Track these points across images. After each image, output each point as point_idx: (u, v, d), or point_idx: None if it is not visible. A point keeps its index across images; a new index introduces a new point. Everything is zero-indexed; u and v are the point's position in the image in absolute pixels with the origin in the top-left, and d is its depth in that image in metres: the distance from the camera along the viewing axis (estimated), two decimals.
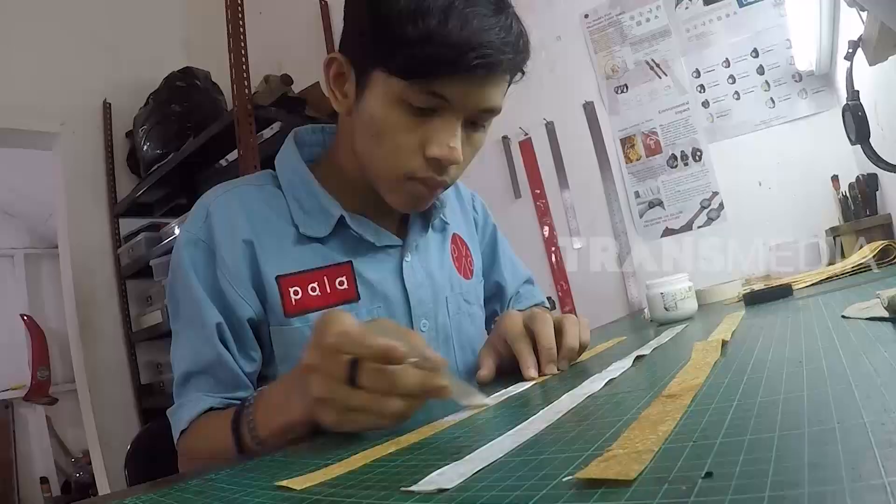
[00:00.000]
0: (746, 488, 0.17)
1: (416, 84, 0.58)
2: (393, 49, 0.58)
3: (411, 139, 0.61)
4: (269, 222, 0.69)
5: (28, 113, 2.27)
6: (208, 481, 0.37)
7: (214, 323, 0.64)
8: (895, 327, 0.39)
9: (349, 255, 0.70)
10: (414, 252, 0.75)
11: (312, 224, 0.69)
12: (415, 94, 0.59)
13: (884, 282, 0.69)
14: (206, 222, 0.67)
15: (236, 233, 0.67)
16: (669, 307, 0.82)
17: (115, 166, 2.50)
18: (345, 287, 0.68)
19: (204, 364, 0.64)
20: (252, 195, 0.71)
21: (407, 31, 0.56)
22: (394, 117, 0.61)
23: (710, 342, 0.48)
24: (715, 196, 1.57)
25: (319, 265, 0.68)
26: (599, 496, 0.20)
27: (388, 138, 0.62)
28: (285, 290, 0.66)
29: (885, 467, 0.16)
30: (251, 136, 1.78)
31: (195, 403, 0.63)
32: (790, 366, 0.34)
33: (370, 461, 0.33)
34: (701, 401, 0.30)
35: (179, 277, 0.67)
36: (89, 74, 2.47)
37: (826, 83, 1.43)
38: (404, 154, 0.62)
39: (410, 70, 0.58)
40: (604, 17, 1.71)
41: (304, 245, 0.68)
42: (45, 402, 3.50)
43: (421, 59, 0.57)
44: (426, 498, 0.24)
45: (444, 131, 0.61)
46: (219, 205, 0.69)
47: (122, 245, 2.43)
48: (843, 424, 0.21)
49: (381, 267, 0.72)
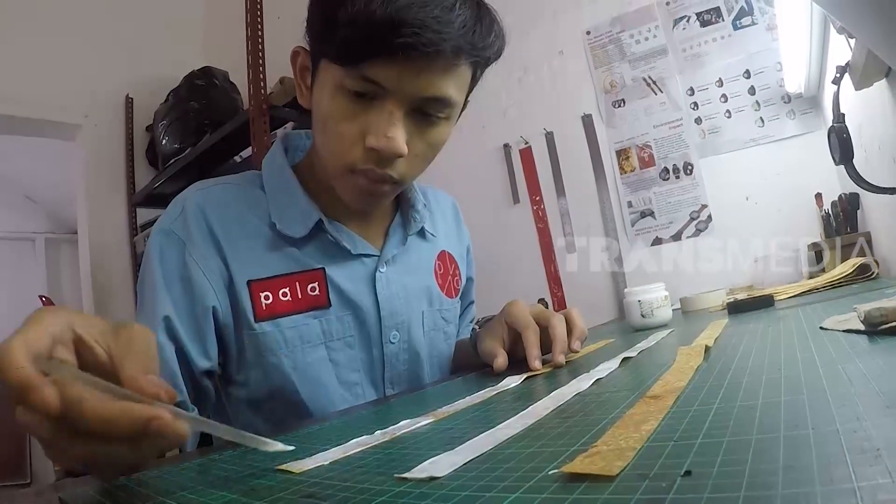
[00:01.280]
0: (723, 487, 0.17)
1: (350, 69, 0.54)
2: (328, 34, 0.54)
3: (352, 128, 0.57)
4: (245, 222, 0.65)
5: (54, 105, 2.28)
6: (213, 461, 0.37)
7: (162, 315, 0.59)
8: (870, 340, 0.39)
9: (323, 261, 0.66)
10: (390, 264, 0.70)
11: (290, 224, 0.65)
12: (351, 80, 0.54)
13: (861, 296, 0.69)
14: (181, 216, 0.64)
15: (209, 229, 0.63)
16: (646, 314, 0.82)
17: (135, 158, 2.51)
18: (316, 293, 0.65)
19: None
20: (230, 194, 0.67)
21: (338, 14, 0.52)
22: (334, 105, 0.57)
23: (693, 347, 0.48)
24: (704, 208, 1.57)
25: (292, 270, 0.64)
26: (583, 490, 0.20)
27: (331, 127, 0.58)
28: (256, 295, 0.62)
29: (855, 473, 0.16)
30: (265, 134, 1.78)
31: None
32: (769, 373, 0.34)
33: (367, 448, 0.33)
34: (683, 402, 0.30)
35: (145, 268, 0.63)
36: (113, 71, 2.47)
37: (813, 105, 1.43)
38: (346, 144, 0.58)
39: (342, 55, 0.54)
40: (605, 35, 1.70)
41: (279, 249, 0.65)
42: None
43: (348, 43, 0.52)
44: (418, 485, 0.24)
45: (381, 120, 0.55)
46: (195, 201, 0.65)
47: (138, 233, 2.43)
48: (818, 430, 0.21)
49: (354, 276, 0.68)
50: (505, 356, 0.61)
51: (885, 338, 0.38)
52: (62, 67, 2.30)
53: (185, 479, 0.32)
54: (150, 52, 2.58)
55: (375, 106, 0.56)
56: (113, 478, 0.33)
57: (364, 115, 0.56)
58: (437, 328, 0.76)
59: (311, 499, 0.24)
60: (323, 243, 0.66)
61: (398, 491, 0.23)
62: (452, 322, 0.80)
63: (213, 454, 0.39)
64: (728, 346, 0.49)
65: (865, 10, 0.39)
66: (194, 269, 0.61)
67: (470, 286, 0.89)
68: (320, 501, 0.24)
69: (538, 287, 1.78)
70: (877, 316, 0.40)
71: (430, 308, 0.75)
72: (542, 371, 0.54)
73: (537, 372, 0.54)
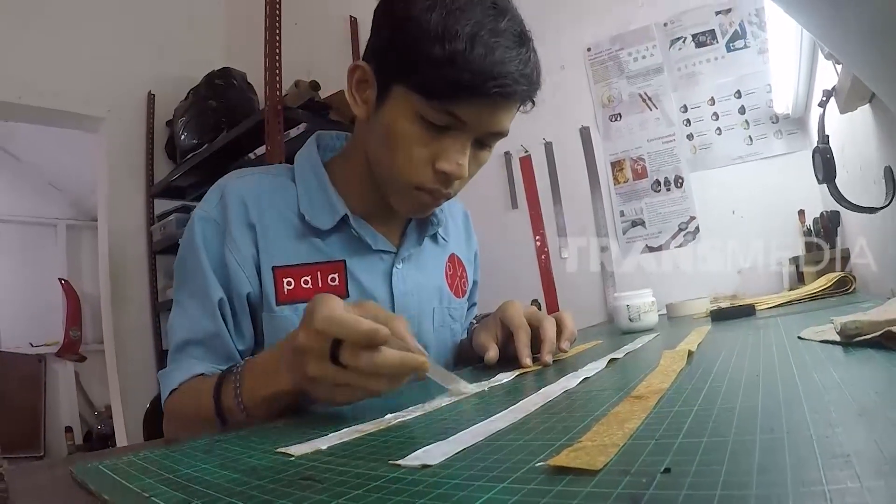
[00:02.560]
0: (700, 485, 0.17)
1: (435, 103, 0.57)
2: (417, 68, 0.56)
3: (424, 152, 0.60)
4: (276, 210, 0.67)
5: (80, 98, 2.28)
6: (217, 442, 0.37)
7: (218, 298, 0.62)
8: (845, 351, 0.39)
9: (345, 253, 0.68)
10: (406, 261, 0.72)
11: (318, 215, 0.66)
12: (432, 112, 0.57)
13: (838, 309, 0.69)
14: (220, 203, 0.66)
15: (245, 216, 0.65)
16: (633, 318, 0.82)
17: (154, 152, 2.51)
18: (336, 283, 0.66)
19: (203, 335, 0.62)
20: (266, 183, 0.69)
21: (433, 52, 0.54)
22: (409, 130, 0.59)
23: (677, 351, 0.48)
24: (692, 220, 1.57)
25: (315, 260, 0.66)
26: (567, 482, 0.20)
27: (403, 149, 0.60)
28: (279, 280, 0.64)
29: (826, 476, 0.16)
30: (279, 133, 1.78)
31: (188, 368, 0.61)
32: (748, 378, 0.34)
33: (363, 435, 0.33)
34: (665, 403, 0.30)
35: (190, 252, 0.65)
36: (137, 68, 2.47)
37: (800, 126, 1.43)
38: (416, 165, 0.60)
39: (432, 90, 0.56)
40: (605, 52, 1.70)
41: (304, 239, 0.66)
42: (75, 359, 3.51)
43: (443, 81, 0.55)
44: (411, 472, 0.24)
45: (454, 149, 0.59)
46: (232, 188, 0.67)
47: (155, 223, 2.43)
48: (792, 435, 0.21)
49: (372, 270, 0.69)
50: (496, 350, 0.62)
51: (859, 349, 0.38)
52: (89, 63, 2.31)
53: (191, 459, 0.32)
54: (173, 52, 2.58)
55: (450, 136, 0.59)
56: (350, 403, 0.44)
57: (437, 142, 0.59)
58: (444, 325, 0.77)
59: (309, 481, 0.24)
60: (345, 237, 0.68)
61: (392, 477, 0.23)
62: (459, 321, 0.81)
63: (217, 436, 0.39)
64: (710, 352, 0.49)
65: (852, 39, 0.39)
66: (230, 258, 0.63)
67: (475, 289, 0.90)
68: (317, 483, 0.24)
69: (532, 288, 1.78)
70: (852, 328, 0.40)
71: (440, 305, 0.77)
72: (532, 368, 0.54)
73: (528, 369, 0.54)
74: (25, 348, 3.39)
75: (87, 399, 3.57)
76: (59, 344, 3.44)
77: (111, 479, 0.29)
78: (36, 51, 2.16)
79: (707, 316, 0.90)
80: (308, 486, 0.24)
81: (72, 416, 3.47)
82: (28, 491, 0.29)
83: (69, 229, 3.79)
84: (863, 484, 0.15)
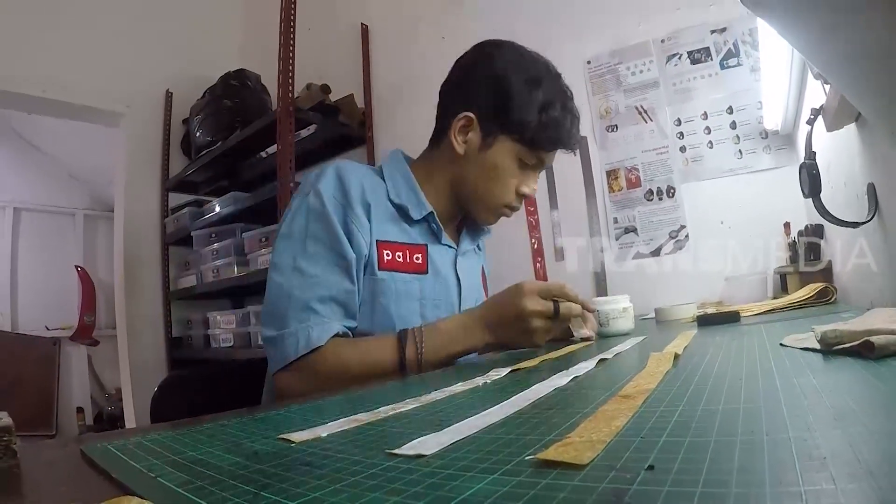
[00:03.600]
0: (682, 483, 0.17)
1: (533, 151, 0.78)
2: (526, 127, 0.76)
3: (513, 182, 0.80)
4: (378, 196, 0.78)
5: (101, 94, 2.28)
6: (222, 426, 0.37)
7: (352, 258, 0.71)
8: (824, 358, 0.39)
9: (424, 240, 0.81)
10: (462, 257, 0.87)
11: (412, 207, 0.79)
12: (528, 156, 0.79)
13: (819, 318, 0.69)
14: (339, 183, 0.74)
15: (362, 195, 0.75)
16: (603, 323, 0.82)
17: (170, 147, 2.51)
18: (419, 262, 0.79)
19: (338, 293, 0.70)
20: (368, 173, 0.80)
21: (541, 118, 0.76)
22: (509, 167, 0.79)
23: (664, 354, 0.48)
24: (682, 229, 1.56)
25: (403, 241, 0.78)
26: (555, 476, 0.20)
27: (502, 180, 0.79)
28: (381, 251, 0.75)
29: (802, 477, 0.16)
30: (290, 134, 1.78)
31: (325, 326, 0.67)
32: (731, 382, 0.34)
33: (362, 424, 0.33)
34: (651, 403, 0.30)
35: (320, 219, 0.72)
36: (157, 67, 2.47)
37: (788, 142, 1.43)
38: (508, 191, 0.80)
39: (534, 143, 0.77)
40: (604, 65, 1.70)
41: (397, 223, 0.79)
42: (88, 343, 3.51)
43: (543, 138, 0.77)
44: (407, 461, 0.24)
45: (532, 178, 0.83)
46: (348, 170, 0.76)
47: (168, 216, 2.43)
48: (771, 437, 0.21)
49: (443, 256, 0.83)
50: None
51: (837, 357, 0.38)
52: (111, 61, 2.31)
53: (196, 441, 0.32)
54: (191, 53, 2.58)
55: (531, 169, 0.82)
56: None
57: (522, 174, 0.81)
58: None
59: (308, 466, 0.24)
60: (424, 228, 0.82)
61: (388, 465, 0.23)
62: None
63: (223, 420, 0.39)
64: (695, 355, 0.49)
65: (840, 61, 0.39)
66: (353, 227, 0.72)
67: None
68: (316, 469, 0.24)
69: None
70: (832, 337, 0.40)
71: (479, 297, 0.92)
72: (526, 366, 0.54)
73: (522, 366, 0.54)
74: (41, 331, 3.39)
75: (99, 382, 3.57)
76: (73, 328, 3.44)
77: (119, 459, 0.29)
78: (61, 48, 2.16)
79: (694, 321, 0.90)
80: (307, 471, 0.24)
81: (83, 398, 3.47)
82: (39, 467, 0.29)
83: (87, 219, 3.80)
84: (838, 486, 0.15)
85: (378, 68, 2.23)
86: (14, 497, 0.25)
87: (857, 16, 0.29)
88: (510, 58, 0.79)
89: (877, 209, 0.72)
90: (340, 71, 2.25)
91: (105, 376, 3.54)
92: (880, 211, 0.71)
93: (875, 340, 0.36)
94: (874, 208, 0.72)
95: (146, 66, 2.43)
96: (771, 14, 0.41)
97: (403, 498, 0.19)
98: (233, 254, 2.08)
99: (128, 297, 2.32)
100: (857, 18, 0.30)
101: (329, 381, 0.64)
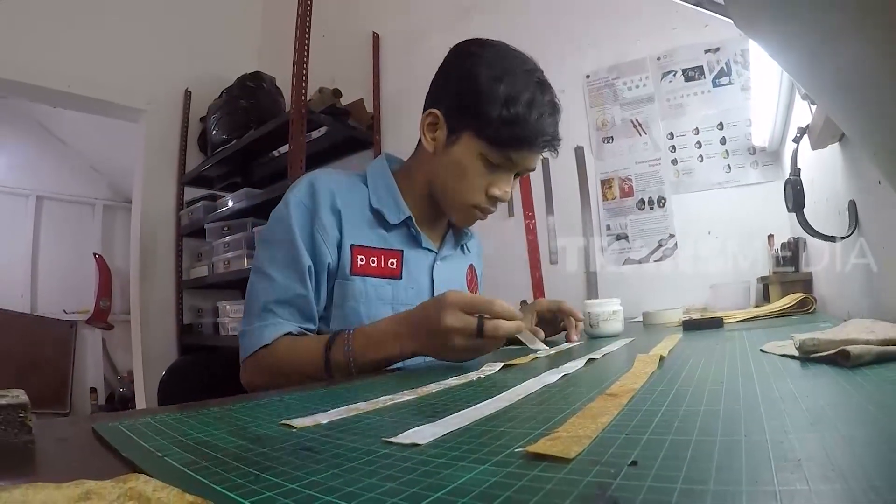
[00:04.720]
0: (663, 479, 0.17)
1: (497, 149, 0.70)
2: (487, 123, 0.68)
3: (482, 182, 0.73)
4: (355, 202, 0.76)
5: (122, 90, 2.28)
6: (227, 410, 0.37)
7: (307, 265, 0.69)
8: (802, 365, 0.39)
9: (402, 245, 0.77)
10: (443, 260, 0.82)
11: (388, 212, 0.76)
12: (493, 155, 0.70)
13: (798, 327, 0.69)
14: (310, 191, 0.73)
15: (332, 203, 0.73)
16: (592, 325, 0.82)
17: (188, 144, 2.51)
18: (394, 267, 0.76)
19: (292, 296, 0.68)
20: (345, 180, 0.78)
21: (501, 113, 0.67)
22: (474, 166, 0.71)
23: (650, 356, 0.48)
24: (671, 237, 1.56)
25: (380, 246, 0.76)
26: (543, 468, 0.20)
27: (467, 179, 0.72)
28: (354, 256, 0.73)
29: (777, 477, 0.16)
30: (301, 135, 1.78)
31: (277, 326, 0.66)
32: (712, 384, 0.34)
33: (361, 413, 0.33)
34: (636, 402, 0.30)
35: (283, 229, 0.71)
36: (177, 66, 2.47)
37: (775, 159, 1.43)
38: (476, 191, 0.73)
39: (496, 141, 0.69)
40: (602, 80, 1.70)
41: (374, 228, 0.76)
42: (103, 327, 3.51)
43: (508, 136, 0.68)
44: (402, 449, 0.24)
45: (503, 180, 0.73)
46: (322, 181, 0.74)
47: (184, 209, 2.43)
48: (749, 438, 0.21)
49: (420, 262, 0.79)
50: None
51: (815, 364, 0.38)
52: (134, 60, 2.31)
53: (203, 424, 0.32)
54: (210, 55, 2.58)
55: (501, 171, 0.73)
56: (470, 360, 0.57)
57: (491, 174, 0.73)
58: None
59: (308, 451, 0.24)
60: (404, 233, 0.78)
61: (384, 453, 0.23)
62: None
63: (228, 405, 0.39)
64: (680, 358, 0.49)
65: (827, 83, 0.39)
66: (318, 237, 0.71)
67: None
68: (315, 454, 0.24)
69: (524, 291, 1.78)
70: (810, 345, 0.40)
71: None
72: (519, 362, 0.54)
73: (515, 363, 0.54)
74: (59, 314, 3.39)
75: (112, 364, 3.57)
76: (89, 312, 3.45)
77: (129, 438, 0.29)
78: (86, 46, 2.16)
79: (679, 325, 0.90)
80: (307, 456, 0.24)
81: (97, 379, 3.47)
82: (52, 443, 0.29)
83: (106, 209, 3.80)
84: (811, 487, 0.15)
85: (387, 75, 2.23)
86: (28, 470, 0.25)
87: (843, 43, 0.29)
88: (486, 55, 0.71)
89: (857, 225, 0.71)
90: (351, 76, 2.25)
91: (118, 359, 3.54)
92: (860, 227, 0.71)
93: (850, 350, 0.36)
94: (854, 224, 0.72)
95: (167, 66, 2.43)
96: (762, 36, 0.41)
97: (398, 484, 0.19)
98: (243, 247, 2.08)
99: (142, 285, 2.32)
100: (843, 45, 0.30)
101: (274, 376, 0.64)
